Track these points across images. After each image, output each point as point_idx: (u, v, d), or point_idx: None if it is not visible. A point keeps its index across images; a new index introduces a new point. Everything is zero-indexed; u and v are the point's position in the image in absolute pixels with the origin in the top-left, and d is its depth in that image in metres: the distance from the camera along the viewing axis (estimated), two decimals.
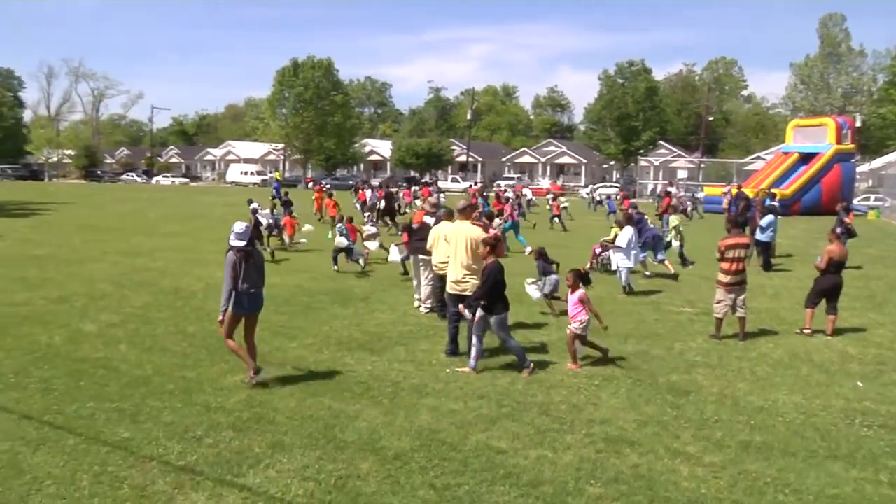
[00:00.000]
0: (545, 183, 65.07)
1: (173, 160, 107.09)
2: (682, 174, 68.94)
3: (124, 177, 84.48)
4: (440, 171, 77.39)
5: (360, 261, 15.04)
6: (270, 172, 79.38)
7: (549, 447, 6.03)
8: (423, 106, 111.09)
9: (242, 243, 7.27)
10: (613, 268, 13.40)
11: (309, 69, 71.07)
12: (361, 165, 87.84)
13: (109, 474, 5.35)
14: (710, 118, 74.47)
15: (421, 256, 11.03)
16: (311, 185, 52.71)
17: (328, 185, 35.12)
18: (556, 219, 26.40)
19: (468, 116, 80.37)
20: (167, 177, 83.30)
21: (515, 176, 76.25)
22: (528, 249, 17.56)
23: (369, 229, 17.67)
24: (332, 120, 71.30)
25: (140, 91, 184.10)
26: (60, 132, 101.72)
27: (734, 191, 28.19)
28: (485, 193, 29.54)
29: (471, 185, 48.34)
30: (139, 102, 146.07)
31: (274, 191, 30.18)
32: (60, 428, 6.17)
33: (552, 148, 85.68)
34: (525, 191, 38.90)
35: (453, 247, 8.58)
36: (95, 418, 6.40)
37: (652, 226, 16.34)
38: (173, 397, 6.99)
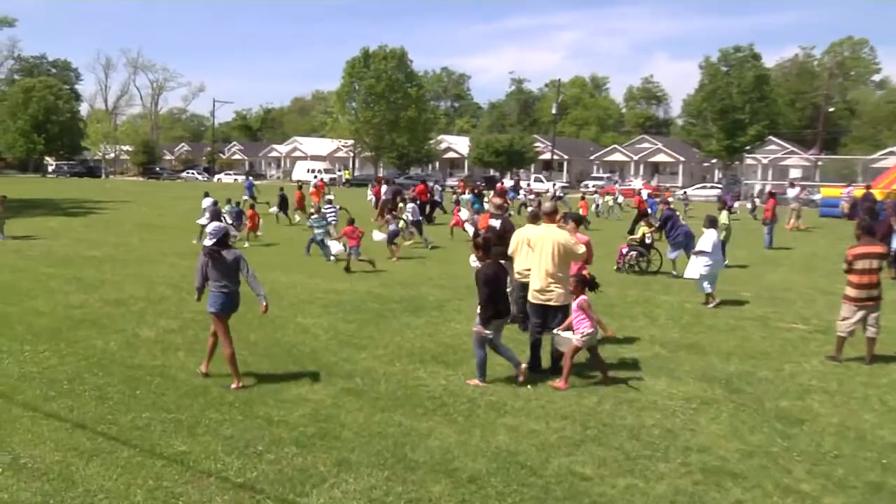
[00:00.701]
0: (637, 183, 63.87)
1: (236, 157, 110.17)
2: (794, 173, 66.40)
3: (184, 174, 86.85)
4: (522, 170, 77.17)
5: (331, 255, 17.21)
6: (339, 171, 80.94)
7: (639, 476, 5.88)
8: (503, 99, 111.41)
9: (209, 242, 7.82)
10: (694, 275, 12.98)
11: (381, 60, 72.09)
12: (437, 163, 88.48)
13: (165, 490, 5.50)
14: (831, 109, 71.68)
15: None
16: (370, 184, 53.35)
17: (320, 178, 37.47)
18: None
19: (553, 110, 79.90)
20: (229, 174, 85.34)
21: (605, 175, 75.33)
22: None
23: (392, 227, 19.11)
24: (406, 114, 72.05)
25: (201, 83, 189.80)
26: (118, 127, 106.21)
27: (859, 192, 26.97)
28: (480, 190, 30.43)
29: (461, 180, 48.52)
30: (200, 95, 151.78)
31: (246, 190, 32.37)
32: (115, 439, 6.40)
33: (646, 145, 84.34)
34: (612, 194, 38.41)
35: (538, 253, 8.51)
36: (151, 429, 6.62)
37: (683, 223, 16.80)
38: (233, 409, 7.16)
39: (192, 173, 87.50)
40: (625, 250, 16.83)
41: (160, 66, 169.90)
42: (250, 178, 38.67)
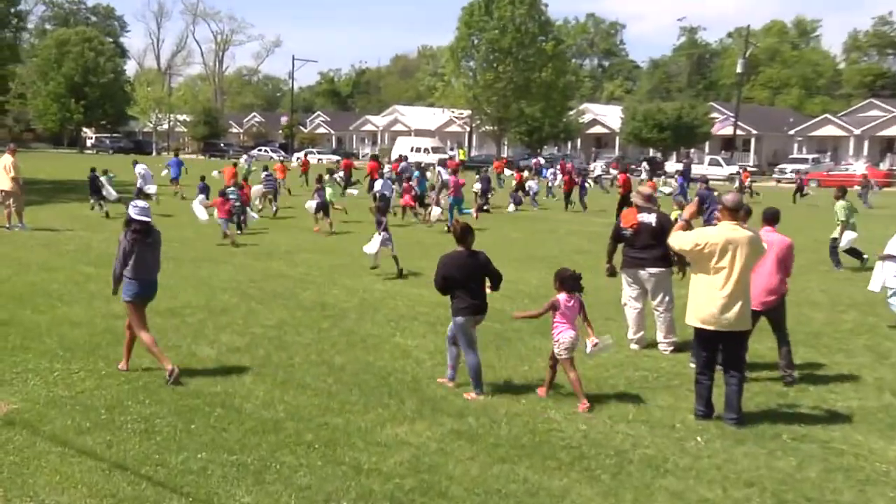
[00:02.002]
0: (860, 167, 61.22)
1: (320, 130, 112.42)
2: None
3: (255, 151, 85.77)
4: (693, 150, 75.66)
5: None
6: (452, 149, 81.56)
7: None
8: (669, 55, 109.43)
9: (145, 218, 9.23)
10: (877, 287, 12.89)
11: (507, 5, 72.31)
12: (578, 141, 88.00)
13: None
14: None
15: (649, 271, 10.88)
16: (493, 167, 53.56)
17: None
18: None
19: (738, 69, 77.08)
20: (312, 152, 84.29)
21: (809, 157, 72.73)
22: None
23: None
24: (539, 77, 71.91)
25: (277, 37, 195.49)
26: (172, 91, 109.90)
27: None
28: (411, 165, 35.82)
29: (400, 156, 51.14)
30: (276, 52, 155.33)
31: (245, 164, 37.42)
32: (162, 485, 6.63)
33: (875, 113, 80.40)
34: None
35: (728, 263, 8.29)
36: (209, 474, 6.83)
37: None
38: (312, 452, 7.33)
39: (266, 150, 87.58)
40: None
41: (226, 15, 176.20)
42: (462, 158, 40.90)
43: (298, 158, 58.99)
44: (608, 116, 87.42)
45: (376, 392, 8.95)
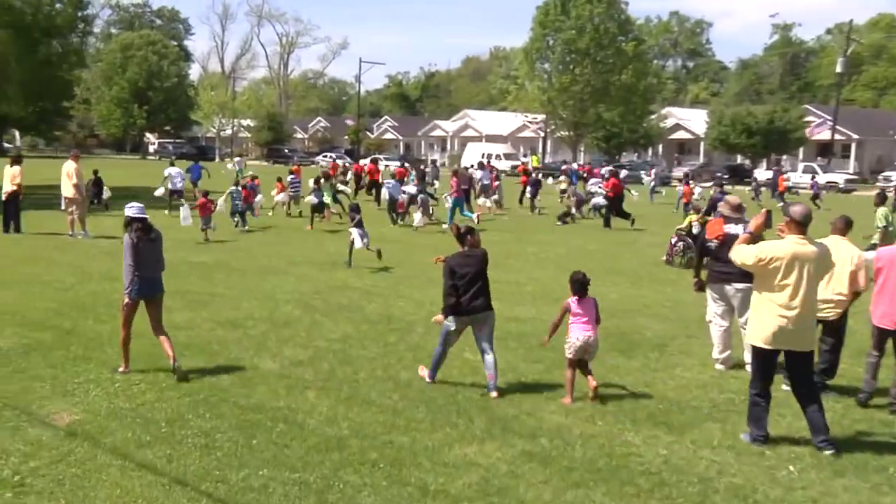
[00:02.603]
0: None
1: (387, 136, 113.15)
2: None
3: (320, 158, 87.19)
4: (785, 156, 74.41)
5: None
6: (525, 156, 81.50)
7: None
8: (760, 55, 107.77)
9: (142, 215, 10.02)
10: None
11: (585, 4, 72.00)
12: (660, 147, 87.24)
13: None
14: None
15: (735, 286, 10.74)
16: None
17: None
18: None
19: (838, 69, 75.51)
20: (378, 159, 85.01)
21: None
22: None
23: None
24: (618, 79, 71.44)
25: (344, 39, 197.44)
26: (236, 95, 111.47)
27: None
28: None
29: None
30: (342, 54, 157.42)
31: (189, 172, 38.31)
32: (222, 502, 6.73)
33: None
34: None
35: (795, 279, 8.14)
36: (270, 492, 6.92)
37: None
38: (376, 471, 7.37)
39: (331, 157, 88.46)
40: (673, 240, 20.65)
41: (291, 16, 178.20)
42: (535, 164, 41.74)
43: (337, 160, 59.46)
44: (692, 121, 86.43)
45: (444, 410, 8.98)
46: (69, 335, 11.78)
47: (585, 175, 49.24)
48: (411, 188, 30.48)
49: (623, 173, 42.93)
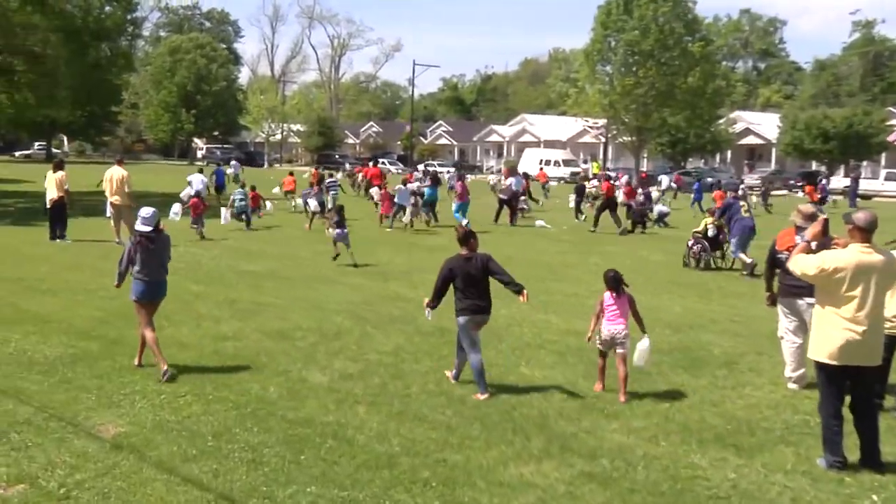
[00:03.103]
0: None
1: (442, 141, 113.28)
2: None
3: (372, 164, 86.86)
4: (864, 162, 73.19)
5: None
6: (585, 163, 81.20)
7: None
8: (839, 55, 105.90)
9: (147, 228, 10.52)
10: None
11: (649, 3, 71.28)
12: (728, 153, 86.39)
13: None
14: None
15: (807, 301, 10.55)
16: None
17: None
18: None
19: None
20: (432, 165, 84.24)
21: None
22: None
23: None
24: (685, 82, 70.34)
25: (397, 41, 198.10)
26: (286, 99, 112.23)
27: None
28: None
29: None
30: (395, 57, 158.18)
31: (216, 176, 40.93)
32: None
33: None
34: None
35: (861, 290, 7.99)
36: None
37: (746, 215, 21.26)
38: (428, 490, 7.37)
39: (384, 163, 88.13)
40: (690, 243, 22.16)
41: (343, 18, 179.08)
42: (595, 171, 43.42)
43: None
44: (763, 125, 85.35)
45: (499, 427, 8.96)
46: (115, 345, 11.96)
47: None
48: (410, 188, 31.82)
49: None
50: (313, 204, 29.33)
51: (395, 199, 30.65)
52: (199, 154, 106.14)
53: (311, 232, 27.69)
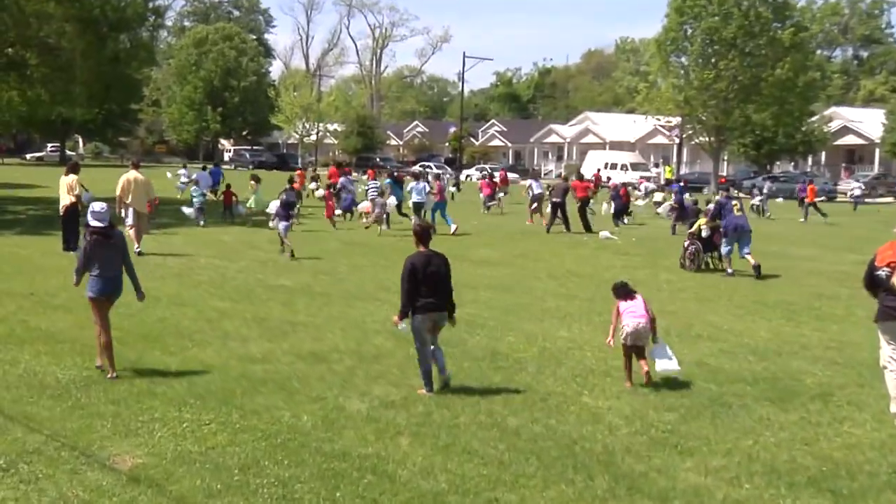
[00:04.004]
0: None
1: (494, 142, 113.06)
2: None
3: (417, 168, 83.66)
4: None
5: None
6: (657, 167, 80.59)
7: None
8: None
9: (100, 224, 11.30)
10: None
11: None
12: (822, 155, 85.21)
13: None
14: None
15: None
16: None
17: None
18: None
19: None
20: (484, 169, 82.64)
21: None
22: (454, 228, 30.94)
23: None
24: (772, 74, 69.00)
25: (445, 30, 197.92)
26: (322, 95, 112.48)
27: None
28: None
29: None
30: (443, 49, 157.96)
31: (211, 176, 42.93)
32: None
33: None
34: None
35: None
36: None
37: (739, 214, 22.87)
38: None
39: (430, 167, 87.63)
40: (686, 243, 24.17)
41: (385, 5, 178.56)
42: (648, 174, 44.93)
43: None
44: (865, 122, 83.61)
45: (558, 464, 8.91)
46: (133, 367, 12.02)
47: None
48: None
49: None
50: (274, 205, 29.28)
51: (414, 198, 32.27)
52: (226, 156, 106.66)
53: (350, 245, 27.73)
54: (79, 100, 48.76)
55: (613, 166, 78.01)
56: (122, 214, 23.25)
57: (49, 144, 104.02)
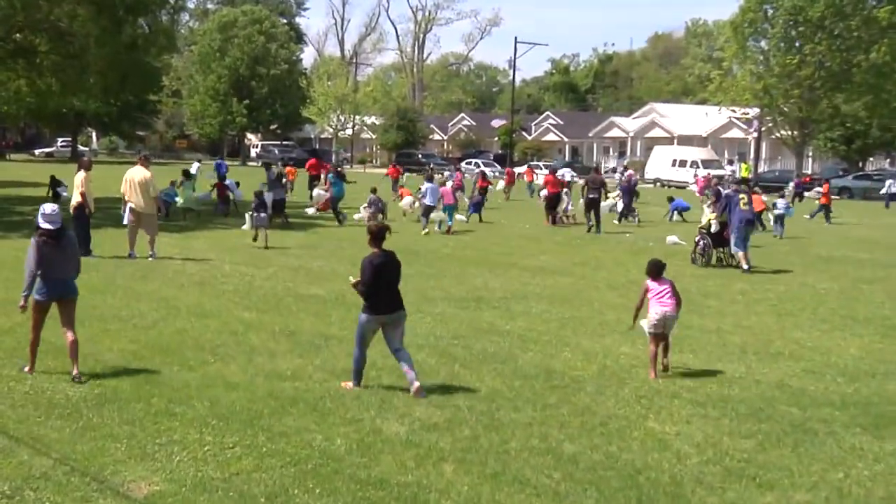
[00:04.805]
0: None
1: (549, 137, 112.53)
2: None
3: (464, 165, 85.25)
4: None
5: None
6: (732, 164, 79.79)
7: None
8: None
9: (50, 226, 11.89)
10: None
11: None
12: None
13: None
14: None
15: None
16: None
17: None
18: None
19: None
20: (538, 166, 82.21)
21: None
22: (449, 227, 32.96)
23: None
24: (866, 59, 66.98)
25: (495, 14, 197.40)
26: (359, 85, 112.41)
27: None
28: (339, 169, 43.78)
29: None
30: (493, 34, 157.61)
31: (216, 169, 45.21)
32: None
33: None
34: None
35: None
36: None
37: (745, 208, 24.61)
38: None
39: (476, 164, 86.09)
40: (697, 238, 25.99)
41: None
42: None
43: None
44: None
45: (621, 495, 8.86)
46: (150, 384, 12.07)
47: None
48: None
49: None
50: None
51: (426, 199, 33.94)
52: (253, 152, 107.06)
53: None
54: (92, 90, 49.08)
55: (682, 163, 77.25)
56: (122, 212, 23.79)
57: (60, 139, 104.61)
